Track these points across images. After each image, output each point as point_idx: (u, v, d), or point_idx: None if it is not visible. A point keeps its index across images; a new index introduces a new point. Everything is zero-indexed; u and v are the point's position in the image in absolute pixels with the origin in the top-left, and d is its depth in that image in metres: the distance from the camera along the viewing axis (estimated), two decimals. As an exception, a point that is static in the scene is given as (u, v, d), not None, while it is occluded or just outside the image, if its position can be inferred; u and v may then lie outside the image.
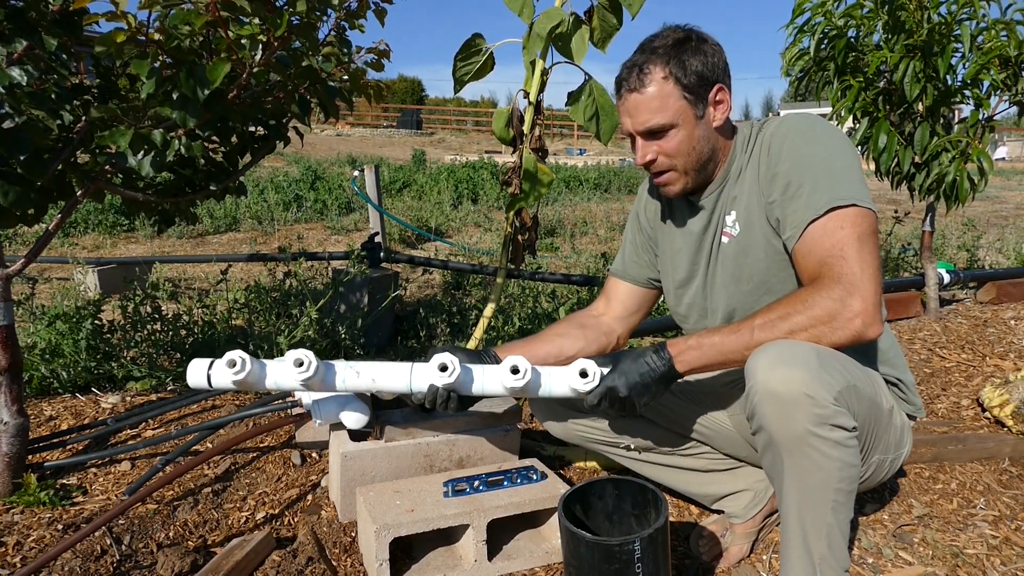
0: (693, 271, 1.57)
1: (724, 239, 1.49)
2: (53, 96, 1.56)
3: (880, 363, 1.48)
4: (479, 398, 1.49)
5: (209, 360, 1.45)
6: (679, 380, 1.36)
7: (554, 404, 1.66)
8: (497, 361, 1.54)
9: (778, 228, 1.38)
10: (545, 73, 2.48)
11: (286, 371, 1.41)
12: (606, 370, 1.36)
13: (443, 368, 1.39)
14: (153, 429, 2.16)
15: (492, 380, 1.43)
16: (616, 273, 1.75)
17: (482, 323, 2.82)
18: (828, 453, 1.17)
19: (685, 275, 1.59)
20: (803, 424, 1.16)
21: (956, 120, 3.08)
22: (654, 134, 1.40)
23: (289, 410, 2.03)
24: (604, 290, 1.77)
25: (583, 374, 1.36)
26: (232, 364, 1.39)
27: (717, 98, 1.42)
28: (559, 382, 1.41)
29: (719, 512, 1.69)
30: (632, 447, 1.66)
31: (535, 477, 1.64)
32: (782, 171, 1.36)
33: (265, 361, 1.46)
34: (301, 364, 1.38)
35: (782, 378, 1.17)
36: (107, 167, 1.74)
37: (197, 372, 1.45)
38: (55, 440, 2.03)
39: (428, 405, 1.44)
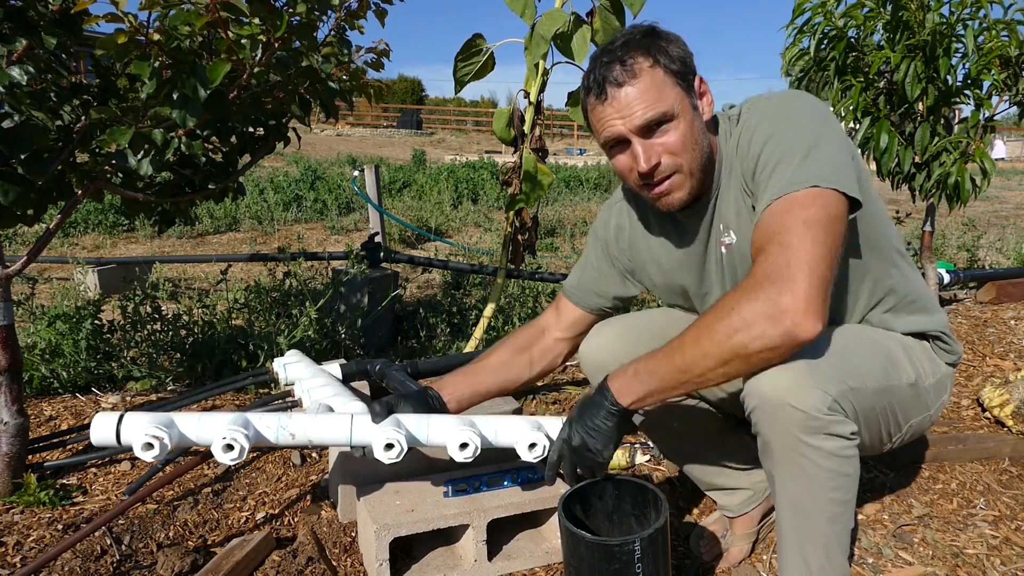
0: (705, 286, 1.47)
1: (723, 250, 1.40)
2: (52, 96, 1.56)
3: (915, 312, 1.40)
4: None
5: (118, 415, 1.28)
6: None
7: None
8: (440, 402, 1.54)
9: None
10: (546, 73, 2.48)
11: (213, 444, 1.31)
12: (555, 435, 1.40)
13: (389, 447, 1.38)
14: (153, 429, 2.16)
15: (438, 442, 1.45)
16: (569, 295, 1.63)
17: (482, 323, 2.82)
18: (820, 464, 1.13)
19: (697, 291, 1.49)
20: (793, 432, 1.13)
21: (956, 120, 3.08)
22: (652, 130, 1.24)
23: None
24: (556, 304, 1.66)
25: (531, 446, 1.43)
26: (148, 447, 1.25)
27: (701, 89, 1.29)
28: (507, 441, 1.48)
29: (713, 501, 1.68)
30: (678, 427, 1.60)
31: (535, 477, 1.64)
32: (757, 168, 1.24)
33: (186, 428, 1.32)
34: (231, 448, 1.29)
35: (771, 381, 1.13)
36: (107, 167, 1.74)
37: (103, 428, 1.27)
38: (55, 440, 2.03)
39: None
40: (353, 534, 1.67)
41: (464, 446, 1.40)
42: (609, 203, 1.60)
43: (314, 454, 2.03)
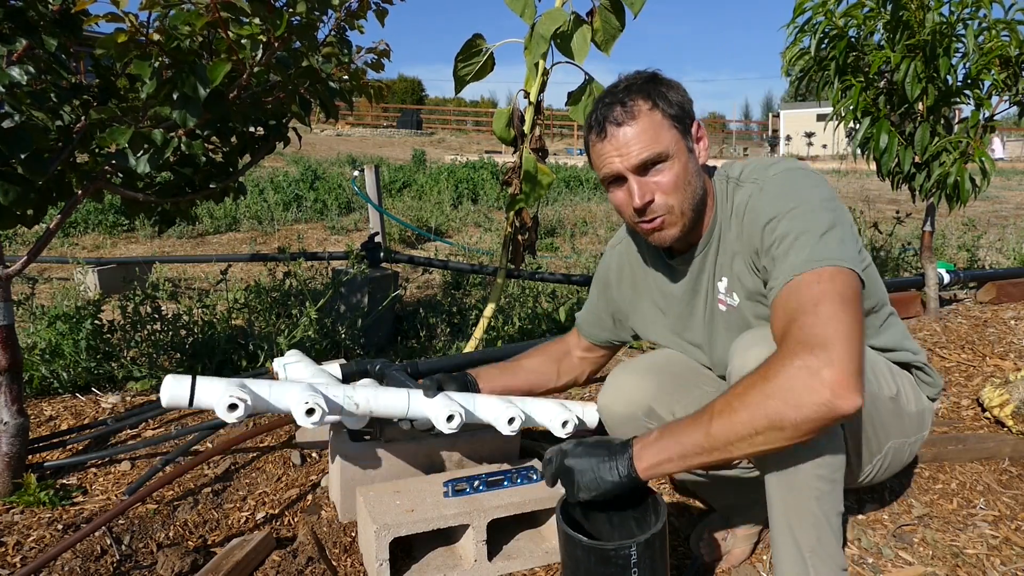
0: (694, 335, 1.52)
1: (721, 307, 1.42)
2: (52, 96, 1.56)
3: (897, 351, 1.46)
4: None
5: (190, 378, 1.32)
6: None
7: None
8: (476, 387, 1.66)
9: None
10: (546, 73, 2.48)
11: (298, 415, 1.39)
12: (580, 414, 1.55)
13: (450, 418, 1.49)
14: (153, 429, 2.16)
15: (484, 417, 1.57)
16: (579, 328, 1.76)
17: (482, 323, 2.82)
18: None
19: (684, 336, 1.54)
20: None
21: (956, 120, 3.08)
22: (648, 169, 1.30)
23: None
24: (574, 333, 1.79)
25: (564, 424, 1.61)
26: (233, 408, 1.31)
27: (698, 134, 1.36)
28: (540, 420, 1.64)
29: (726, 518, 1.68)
30: None
31: (535, 477, 1.64)
32: (771, 243, 1.26)
33: (262, 392, 1.39)
34: (312, 412, 1.38)
35: (756, 358, 1.17)
36: (107, 167, 1.74)
37: (176, 389, 1.32)
38: (55, 440, 2.03)
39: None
40: (353, 534, 1.67)
41: (512, 420, 1.53)
42: (611, 244, 1.68)
43: (314, 454, 2.03)
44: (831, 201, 1.27)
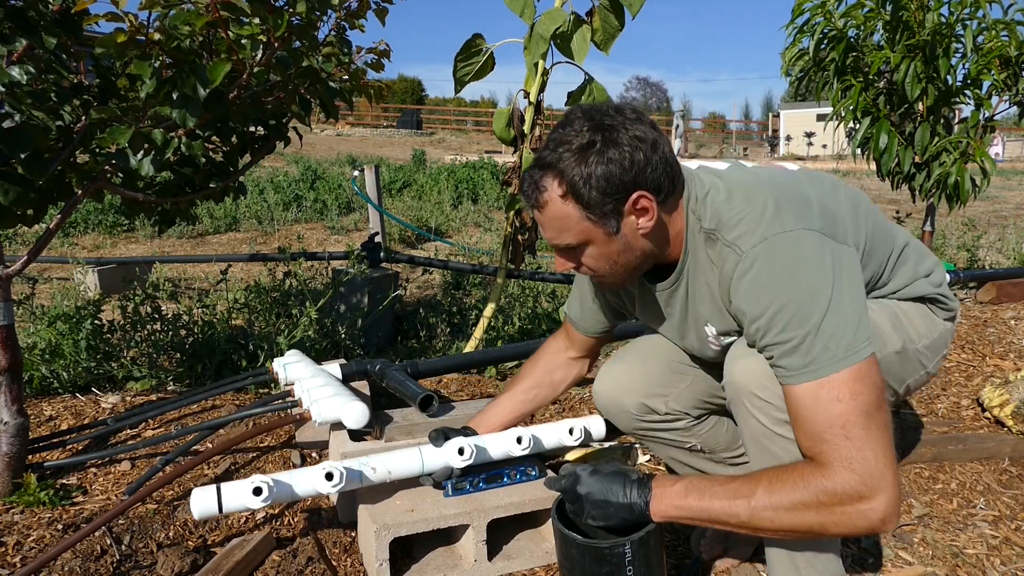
0: (679, 342, 1.51)
1: (714, 346, 1.37)
2: (53, 96, 1.56)
3: (910, 285, 1.41)
4: None
5: (215, 488, 1.37)
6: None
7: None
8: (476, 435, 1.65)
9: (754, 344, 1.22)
10: (546, 73, 2.48)
11: (316, 482, 1.43)
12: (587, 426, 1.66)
13: (461, 452, 1.52)
14: (153, 429, 2.16)
15: (497, 452, 1.61)
16: (575, 325, 1.67)
17: (482, 323, 2.83)
18: (793, 452, 1.16)
19: (676, 338, 1.52)
20: (763, 420, 1.18)
21: (956, 120, 3.08)
22: (566, 250, 1.27)
23: (289, 410, 2.03)
24: (564, 329, 1.72)
25: (570, 431, 1.70)
26: (258, 492, 1.36)
27: (638, 206, 1.19)
28: (550, 444, 1.70)
29: None
30: (698, 447, 1.61)
31: (533, 474, 1.64)
32: (762, 333, 1.15)
33: (287, 478, 1.43)
34: (331, 477, 1.42)
35: (743, 369, 1.19)
36: (107, 167, 1.74)
37: (205, 501, 1.36)
38: (55, 440, 2.03)
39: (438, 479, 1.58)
40: (353, 534, 1.67)
41: (520, 440, 1.59)
42: None
43: (314, 454, 2.03)
44: (823, 266, 1.13)
